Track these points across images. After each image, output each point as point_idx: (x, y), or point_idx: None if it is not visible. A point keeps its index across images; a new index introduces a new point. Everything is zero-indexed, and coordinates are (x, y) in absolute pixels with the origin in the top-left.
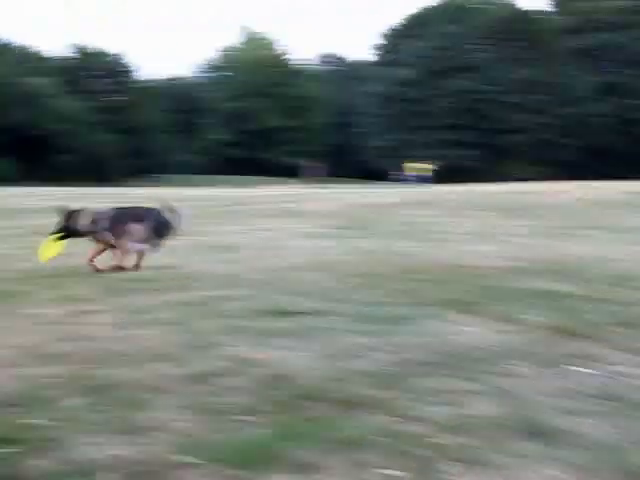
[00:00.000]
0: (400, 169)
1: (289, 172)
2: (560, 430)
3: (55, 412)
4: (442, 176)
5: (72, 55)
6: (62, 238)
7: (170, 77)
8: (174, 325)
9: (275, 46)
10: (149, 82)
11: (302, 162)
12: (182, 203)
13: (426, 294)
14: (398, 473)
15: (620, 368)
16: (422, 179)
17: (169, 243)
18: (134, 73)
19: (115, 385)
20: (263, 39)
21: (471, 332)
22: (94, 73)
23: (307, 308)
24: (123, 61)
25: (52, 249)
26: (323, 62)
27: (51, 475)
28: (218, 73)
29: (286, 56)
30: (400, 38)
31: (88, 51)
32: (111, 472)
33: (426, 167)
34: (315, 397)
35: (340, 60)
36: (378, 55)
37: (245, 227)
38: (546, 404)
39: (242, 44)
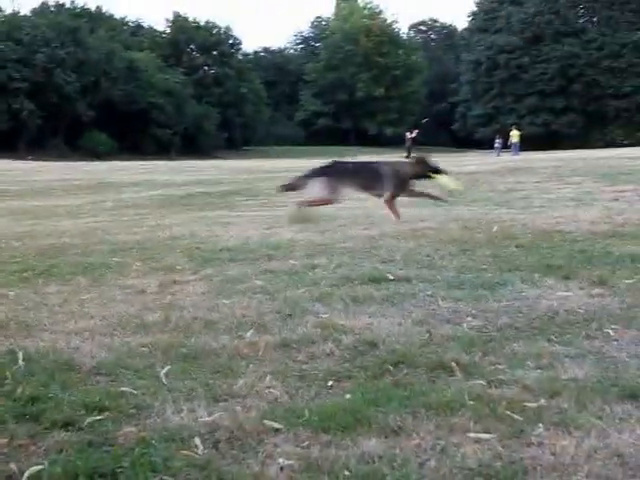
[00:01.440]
0: (497, 137)
1: (389, 142)
2: None
3: (145, 380)
4: (544, 143)
5: (171, 27)
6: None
7: (265, 48)
8: (265, 294)
9: (371, 14)
10: (247, 54)
11: (403, 132)
12: (271, 174)
13: (520, 260)
14: (488, 436)
15: None
16: (516, 147)
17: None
18: (234, 46)
19: (205, 353)
20: (360, 7)
21: (565, 296)
22: (193, 46)
23: (398, 275)
24: (222, 34)
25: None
26: (417, 30)
27: (144, 441)
28: (315, 43)
29: (382, 24)
30: (498, 4)
31: (187, 23)
32: (202, 438)
33: (517, 134)
34: (405, 362)
35: (435, 27)
36: (474, 22)
37: None
38: None
39: (338, 13)
